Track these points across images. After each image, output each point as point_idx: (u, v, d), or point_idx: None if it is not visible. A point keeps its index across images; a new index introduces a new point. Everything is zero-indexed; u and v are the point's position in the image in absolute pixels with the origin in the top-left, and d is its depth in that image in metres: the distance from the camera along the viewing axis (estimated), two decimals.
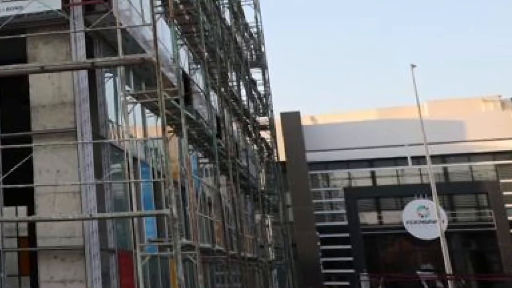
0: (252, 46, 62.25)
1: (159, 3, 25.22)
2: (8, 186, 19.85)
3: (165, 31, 26.06)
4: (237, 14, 52.13)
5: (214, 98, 36.50)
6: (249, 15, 62.18)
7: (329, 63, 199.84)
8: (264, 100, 64.67)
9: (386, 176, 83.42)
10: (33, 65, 19.57)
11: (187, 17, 30.43)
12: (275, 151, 68.04)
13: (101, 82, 22.06)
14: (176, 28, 26.62)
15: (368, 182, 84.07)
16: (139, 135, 25.72)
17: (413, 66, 65.11)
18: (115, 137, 22.90)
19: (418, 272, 72.27)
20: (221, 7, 43.18)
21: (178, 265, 18.22)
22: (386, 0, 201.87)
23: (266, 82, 64.45)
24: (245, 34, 58.18)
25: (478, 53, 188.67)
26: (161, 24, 25.21)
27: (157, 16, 19.67)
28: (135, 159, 22.65)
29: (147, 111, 26.25)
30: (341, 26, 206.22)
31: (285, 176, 77.38)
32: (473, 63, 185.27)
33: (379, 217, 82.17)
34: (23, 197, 23.56)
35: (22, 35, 20.13)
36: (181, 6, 28.85)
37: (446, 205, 75.02)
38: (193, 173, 30.58)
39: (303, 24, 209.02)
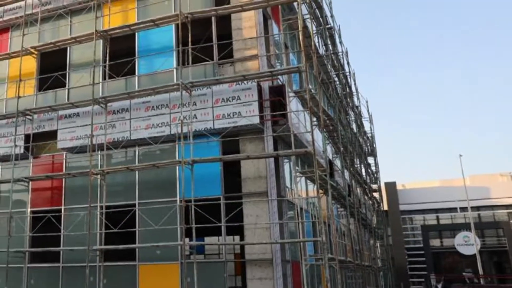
0: (368, 144, 60.95)
1: (314, 119, 24.24)
2: (229, 224, 19.33)
3: (318, 135, 25.15)
4: (359, 125, 50.87)
5: (346, 174, 35.48)
6: (367, 125, 61.33)
7: (413, 146, 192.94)
8: (375, 175, 63.10)
9: (445, 219, 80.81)
10: (243, 155, 18.96)
11: (331, 127, 29.67)
12: (381, 204, 66.35)
13: (282, 164, 21.28)
14: (324, 133, 25.80)
15: (434, 222, 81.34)
16: (304, 195, 24.69)
17: (460, 155, 64.09)
18: (290, 196, 21.99)
19: (464, 273, 70.39)
20: (350, 121, 42.24)
21: (326, 270, 17.50)
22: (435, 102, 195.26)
23: (376, 164, 62.70)
24: (364, 137, 56.90)
25: (500, 141, 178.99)
26: (316, 131, 24.20)
27: (313, 127, 18.78)
28: (301, 209, 21.78)
29: (308, 181, 25.38)
30: (412, 122, 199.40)
31: (387, 219, 76.51)
32: (499, 148, 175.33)
33: (441, 242, 79.53)
34: (238, 230, 22.97)
35: (237, 138, 19.85)
36: (327, 121, 28.03)
37: (479, 235, 72.04)
38: (335, 216, 29.66)
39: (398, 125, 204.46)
